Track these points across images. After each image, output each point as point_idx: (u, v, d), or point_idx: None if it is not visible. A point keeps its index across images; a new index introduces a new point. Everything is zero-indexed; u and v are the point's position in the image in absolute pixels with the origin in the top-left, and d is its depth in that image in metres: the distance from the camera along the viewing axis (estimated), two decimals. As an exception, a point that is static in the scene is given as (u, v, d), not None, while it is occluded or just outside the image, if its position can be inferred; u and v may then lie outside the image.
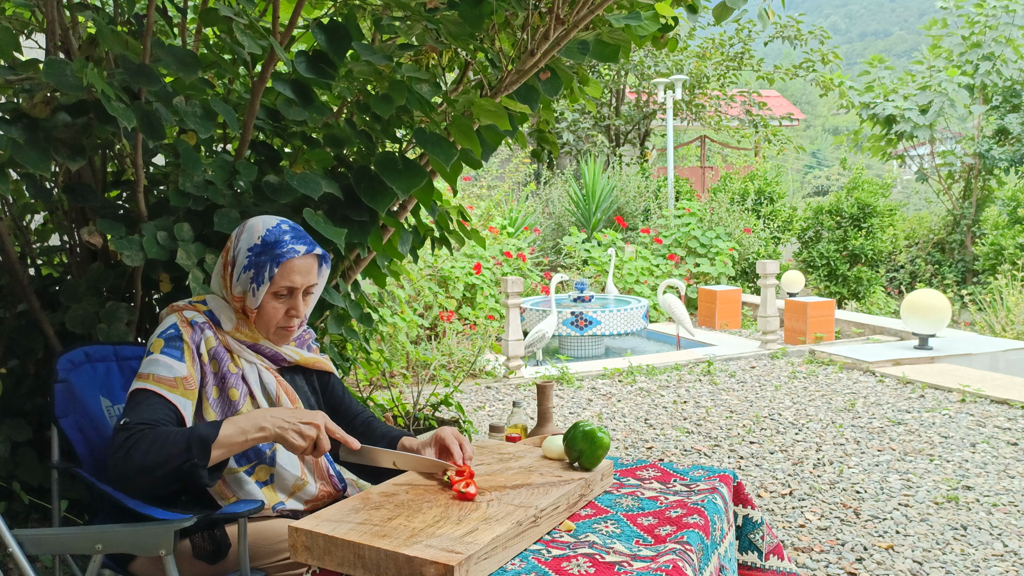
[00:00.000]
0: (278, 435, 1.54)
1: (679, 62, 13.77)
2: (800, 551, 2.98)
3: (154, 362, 1.65)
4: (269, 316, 1.75)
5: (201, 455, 1.51)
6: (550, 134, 3.36)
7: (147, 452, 1.50)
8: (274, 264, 1.71)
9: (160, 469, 1.50)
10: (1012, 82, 10.25)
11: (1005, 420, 4.66)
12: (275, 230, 1.75)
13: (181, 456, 1.51)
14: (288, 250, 1.72)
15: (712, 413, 4.99)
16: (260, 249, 1.72)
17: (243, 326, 1.77)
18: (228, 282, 1.76)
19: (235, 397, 1.71)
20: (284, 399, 1.77)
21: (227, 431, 1.54)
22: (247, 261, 1.73)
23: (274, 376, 1.78)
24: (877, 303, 9.69)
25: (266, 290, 1.72)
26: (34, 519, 2.56)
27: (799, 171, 30.81)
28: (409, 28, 2.45)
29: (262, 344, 1.78)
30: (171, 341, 1.68)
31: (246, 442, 1.55)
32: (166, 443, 1.51)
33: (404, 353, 5.64)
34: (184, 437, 1.52)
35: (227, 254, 1.79)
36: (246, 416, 1.57)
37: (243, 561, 1.53)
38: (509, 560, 1.40)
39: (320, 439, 1.56)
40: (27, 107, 2.12)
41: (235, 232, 1.80)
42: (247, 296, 1.74)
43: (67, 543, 1.58)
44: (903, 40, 66.26)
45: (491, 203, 10.15)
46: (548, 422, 2.24)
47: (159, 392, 1.61)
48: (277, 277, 1.71)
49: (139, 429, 1.53)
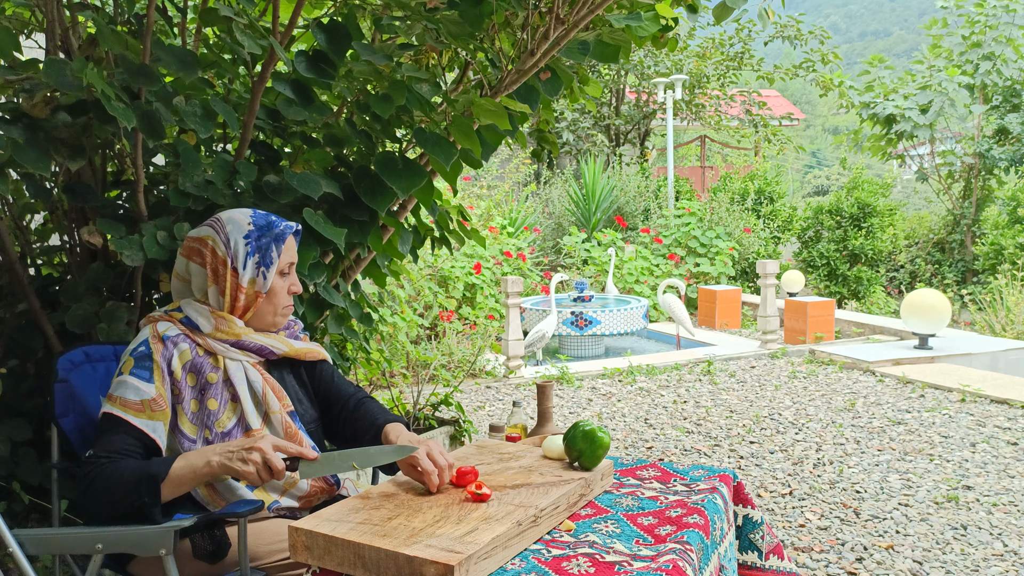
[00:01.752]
0: (223, 466, 1.53)
1: (679, 62, 13.77)
2: (800, 551, 2.98)
3: (122, 384, 1.64)
4: (278, 296, 1.80)
5: (151, 494, 1.53)
6: (550, 134, 3.36)
7: (104, 488, 1.53)
8: (279, 243, 1.78)
9: (114, 507, 1.53)
10: (1012, 82, 10.25)
11: (1005, 420, 4.66)
12: (258, 215, 1.80)
13: (132, 495, 1.52)
14: (285, 227, 1.80)
15: (712, 413, 4.99)
16: (258, 233, 1.77)
17: (223, 324, 1.74)
18: (227, 277, 1.74)
19: (214, 407, 1.70)
20: (271, 397, 1.75)
21: (178, 467, 1.55)
22: (249, 248, 1.75)
23: (260, 374, 1.77)
24: (877, 303, 9.69)
25: (275, 270, 1.77)
26: (34, 519, 2.56)
27: (799, 171, 30.81)
28: (409, 28, 2.45)
29: (245, 340, 1.76)
30: (140, 360, 1.67)
31: (196, 477, 1.55)
32: (120, 480, 1.53)
33: (404, 353, 5.64)
34: (136, 475, 1.53)
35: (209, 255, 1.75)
36: (197, 452, 1.57)
37: (243, 561, 1.52)
38: (509, 560, 1.40)
39: (269, 460, 1.52)
40: (27, 107, 2.12)
41: (211, 232, 1.76)
42: (256, 282, 1.76)
43: (67, 543, 1.58)
44: (903, 40, 66.25)
45: (491, 203, 10.15)
46: (548, 422, 2.24)
47: (124, 418, 1.61)
48: (282, 255, 1.78)
49: (99, 464, 1.55)
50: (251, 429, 1.71)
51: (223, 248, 1.75)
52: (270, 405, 1.75)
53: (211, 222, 1.79)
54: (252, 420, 1.72)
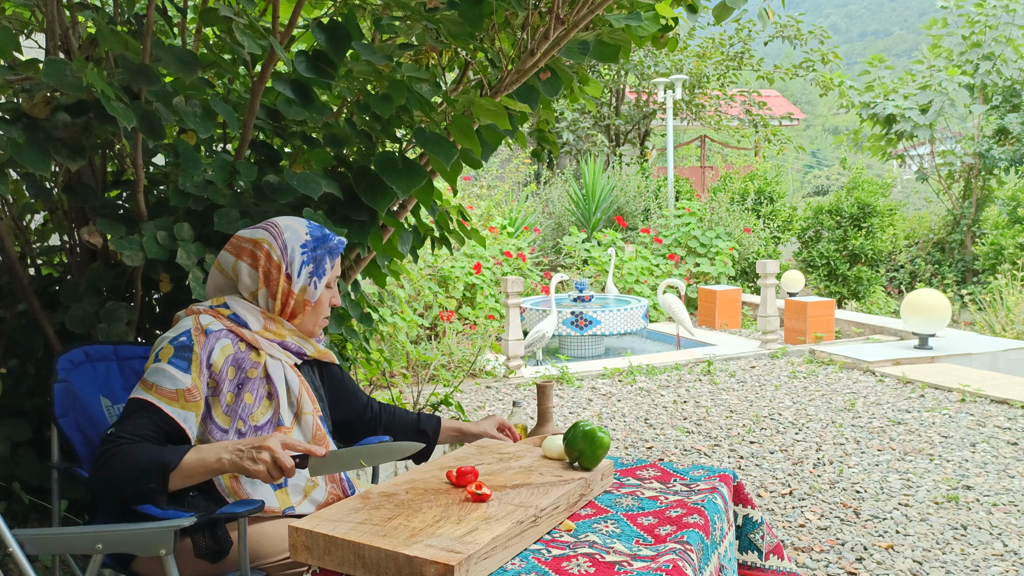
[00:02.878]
0: (234, 464, 1.54)
1: (679, 62, 13.77)
2: (800, 551, 2.98)
3: (159, 371, 1.64)
4: (323, 306, 1.86)
5: (160, 481, 1.53)
6: (550, 134, 3.36)
7: (121, 469, 1.52)
8: (333, 256, 1.84)
9: (126, 487, 1.53)
10: (1012, 82, 10.25)
11: (1005, 420, 4.66)
12: (314, 226, 1.86)
13: (142, 479, 1.52)
14: (339, 242, 1.86)
15: (712, 413, 4.99)
16: (315, 244, 1.82)
17: (271, 325, 1.79)
18: (280, 283, 1.78)
19: (250, 400, 1.72)
20: (305, 399, 1.79)
21: (190, 460, 1.54)
22: (305, 258, 1.80)
23: (297, 375, 1.80)
24: (877, 303, 9.69)
25: (326, 281, 1.83)
26: (34, 519, 2.56)
27: (799, 171, 30.81)
28: (409, 28, 2.45)
29: (288, 341, 1.81)
30: (181, 350, 1.67)
31: (207, 472, 1.55)
32: (136, 463, 1.53)
33: (404, 353, 5.64)
34: (150, 460, 1.53)
35: (267, 259, 1.78)
36: (212, 446, 1.58)
37: (243, 561, 1.53)
38: (509, 560, 1.40)
39: (278, 459, 1.52)
40: (27, 107, 2.12)
41: (268, 237, 1.80)
42: (306, 291, 1.81)
43: (67, 543, 1.58)
44: (903, 40, 66.24)
45: (491, 203, 10.15)
46: (548, 422, 2.24)
47: (157, 404, 1.61)
48: (333, 268, 1.85)
49: (119, 442, 1.55)
50: (282, 425, 1.74)
51: (279, 253, 1.79)
52: (303, 407, 1.78)
53: (266, 226, 1.82)
54: (285, 417, 1.75)
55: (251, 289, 1.79)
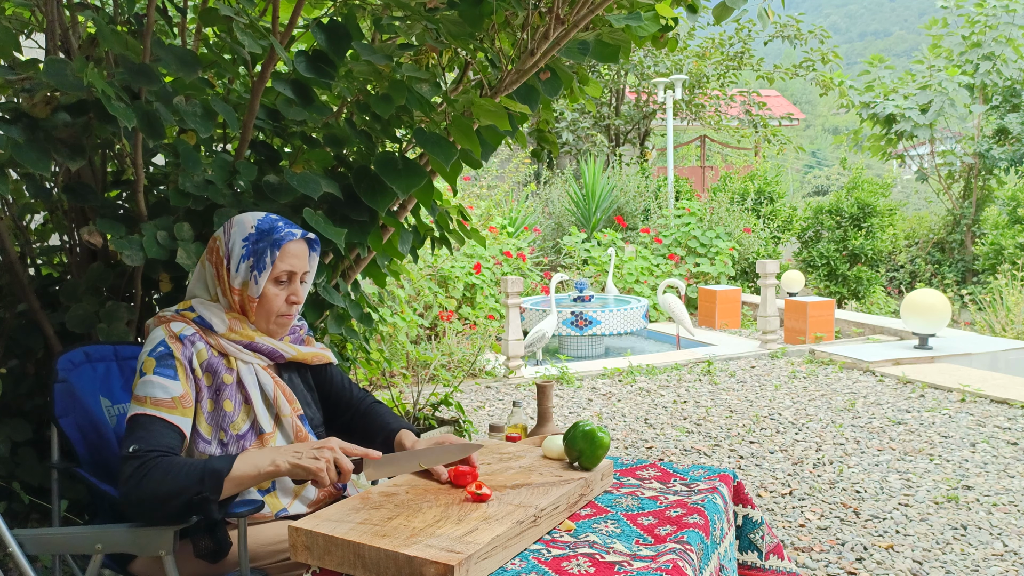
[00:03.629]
0: (293, 466, 1.54)
1: (679, 62, 13.77)
2: (800, 551, 2.98)
3: (148, 384, 1.62)
4: (271, 304, 1.75)
5: (213, 489, 1.51)
6: (550, 134, 3.36)
7: (160, 482, 1.49)
8: (274, 248, 1.73)
9: (172, 500, 1.50)
10: (1012, 82, 10.25)
11: (1005, 420, 4.66)
12: (266, 219, 1.77)
13: (193, 489, 1.50)
14: (285, 234, 1.75)
15: (712, 413, 4.99)
16: (257, 237, 1.74)
17: (237, 325, 1.75)
18: (224, 278, 1.75)
19: (229, 408, 1.70)
20: (282, 400, 1.76)
21: (240, 467, 1.53)
22: (244, 251, 1.73)
23: (271, 377, 1.77)
24: (877, 303, 9.69)
25: (267, 276, 1.73)
26: (34, 519, 2.56)
27: (799, 171, 30.81)
28: (409, 28, 2.45)
29: (258, 342, 1.76)
30: (162, 360, 1.65)
31: (259, 476, 1.54)
32: (179, 474, 1.50)
33: (404, 353, 5.64)
34: (197, 470, 1.52)
35: (215, 253, 1.77)
36: (260, 452, 1.57)
37: (243, 561, 1.53)
38: (509, 560, 1.40)
39: (339, 462, 1.55)
40: (27, 107, 2.12)
41: (220, 231, 1.79)
42: (248, 286, 1.74)
43: (67, 543, 1.58)
44: (903, 40, 66.26)
45: (491, 203, 10.15)
46: (548, 422, 2.24)
47: (160, 416, 1.59)
48: (277, 262, 1.74)
49: (151, 457, 1.52)
50: (264, 433, 1.71)
51: (225, 247, 1.76)
52: (281, 408, 1.75)
53: (226, 222, 1.81)
54: (264, 423, 1.72)
55: (212, 286, 1.78)
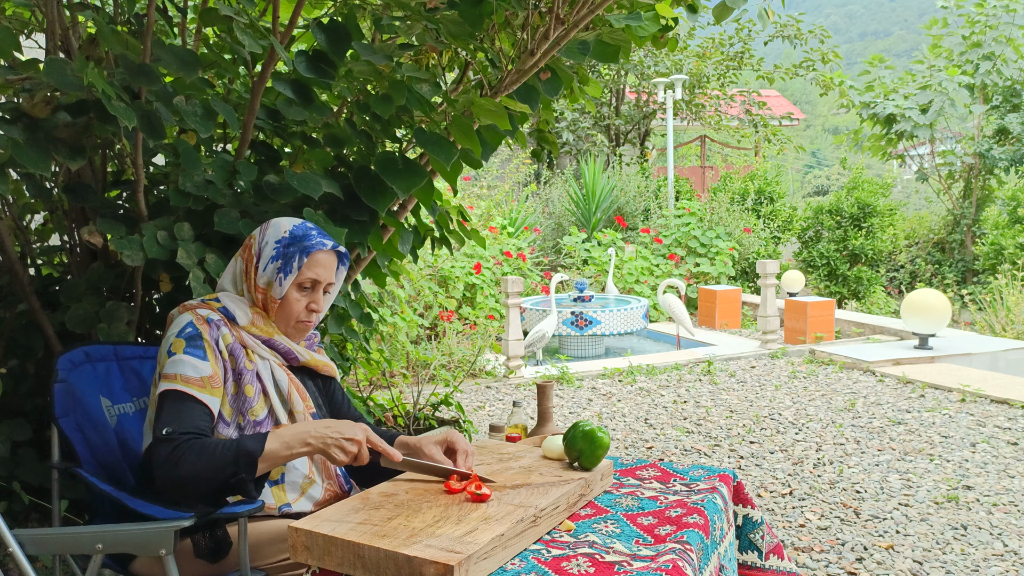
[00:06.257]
0: (321, 449, 1.57)
1: (679, 62, 13.77)
2: (800, 551, 2.98)
3: (179, 362, 1.65)
4: (291, 308, 1.79)
5: (248, 469, 1.54)
6: (550, 134, 3.36)
7: (195, 464, 1.53)
8: (303, 255, 1.77)
9: (208, 482, 1.54)
10: (1012, 82, 10.25)
11: (1005, 420, 4.66)
12: (302, 226, 1.83)
13: (228, 469, 1.53)
14: (316, 242, 1.80)
15: (712, 413, 4.99)
16: (289, 241, 1.79)
17: (259, 321, 1.79)
18: (252, 275, 1.80)
19: (250, 393, 1.72)
20: (295, 396, 1.78)
21: (272, 446, 1.56)
22: (275, 252, 1.78)
23: (286, 373, 1.80)
24: (877, 303, 9.69)
25: (292, 280, 1.78)
26: (34, 519, 2.56)
27: (799, 171, 30.82)
28: (409, 28, 2.45)
29: (276, 340, 1.80)
30: (192, 340, 1.68)
31: (291, 455, 1.58)
32: (213, 456, 1.54)
33: (404, 353, 5.64)
34: (232, 451, 1.55)
35: (248, 250, 1.83)
36: (290, 430, 1.59)
37: (243, 561, 1.53)
38: (509, 560, 1.40)
39: (361, 452, 1.59)
40: (27, 107, 2.12)
41: (258, 230, 1.85)
42: (272, 287, 1.78)
43: (67, 543, 1.58)
44: (903, 40, 66.24)
45: (491, 203, 10.15)
46: (548, 422, 2.24)
47: (190, 393, 1.62)
48: (304, 268, 1.78)
49: (184, 439, 1.55)
50: (280, 423, 1.74)
51: (257, 246, 1.81)
52: (295, 404, 1.77)
53: (265, 222, 1.86)
54: (280, 415, 1.75)
55: (239, 281, 1.83)
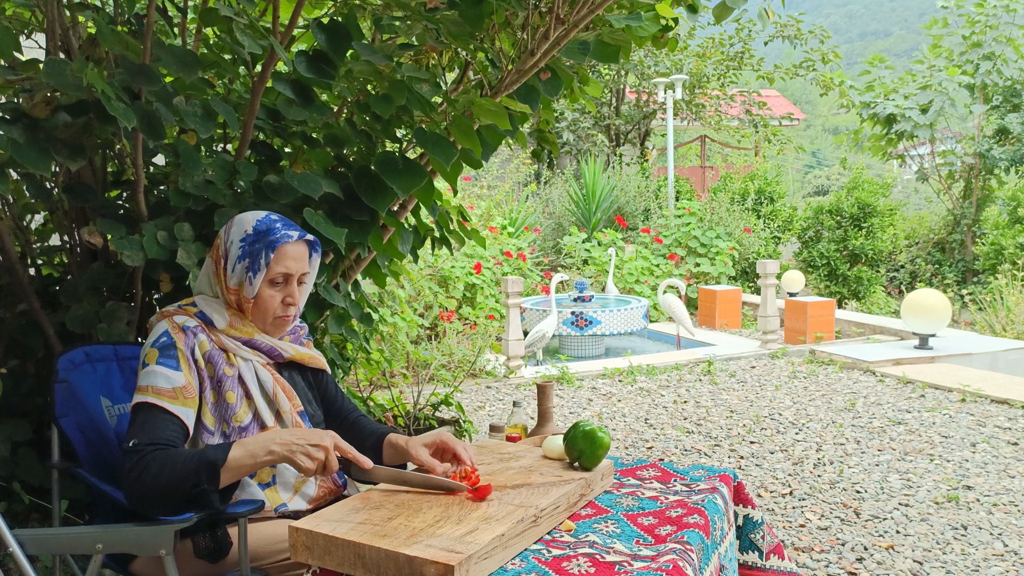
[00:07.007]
0: (287, 457, 1.53)
1: (679, 62, 13.78)
2: (800, 551, 2.98)
3: (151, 373, 1.63)
4: (266, 305, 1.76)
5: (210, 480, 1.50)
6: (550, 134, 3.36)
7: (157, 476, 1.49)
8: (269, 250, 1.73)
9: (171, 494, 1.50)
10: (1012, 82, 10.25)
11: (1005, 420, 4.65)
12: (265, 220, 1.77)
13: (190, 480, 1.50)
14: (281, 235, 1.74)
15: (712, 413, 4.99)
16: (253, 238, 1.74)
17: (237, 322, 1.76)
18: (222, 277, 1.76)
19: (232, 400, 1.70)
20: (281, 396, 1.76)
21: (236, 454, 1.53)
22: (240, 251, 1.74)
23: (271, 373, 1.78)
24: (877, 303, 9.69)
25: (262, 277, 1.73)
26: (34, 519, 2.56)
27: (799, 171, 30.82)
28: (409, 28, 2.45)
29: (257, 339, 1.77)
30: (165, 350, 1.66)
31: (255, 465, 1.54)
32: (175, 467, 1.50)
33: (404, 353, 5.64)
34: (193, 461, 1.51)
35: (217, 251, 1.79)
36: (255, 438, 1.56)
37: (243, 561, 1.52)
38: (509, 560, 1.40)
39: (329, 460, 1.54)
40: (27, 107, 2.12)
41: (223, 229, 1.81)
42: (243, 287, 1.74)
43: (67, 543, 1.58)
44: (903, 40, 66.25)
45: (491, 203, 10.15)
46: (548, 422, 2.24)
47: (160, 405, 1.60)
48: (272, 263, 1.73)
49: (148, 451, 1.53)
50: (266, 426, 1.72)
51: (224, 247, 1.77)
52: (281, 404, 1.76)
53: (229, 220, 1.81)
54: (266, 418, 1.73)
55: (213, 283, 1.80)
